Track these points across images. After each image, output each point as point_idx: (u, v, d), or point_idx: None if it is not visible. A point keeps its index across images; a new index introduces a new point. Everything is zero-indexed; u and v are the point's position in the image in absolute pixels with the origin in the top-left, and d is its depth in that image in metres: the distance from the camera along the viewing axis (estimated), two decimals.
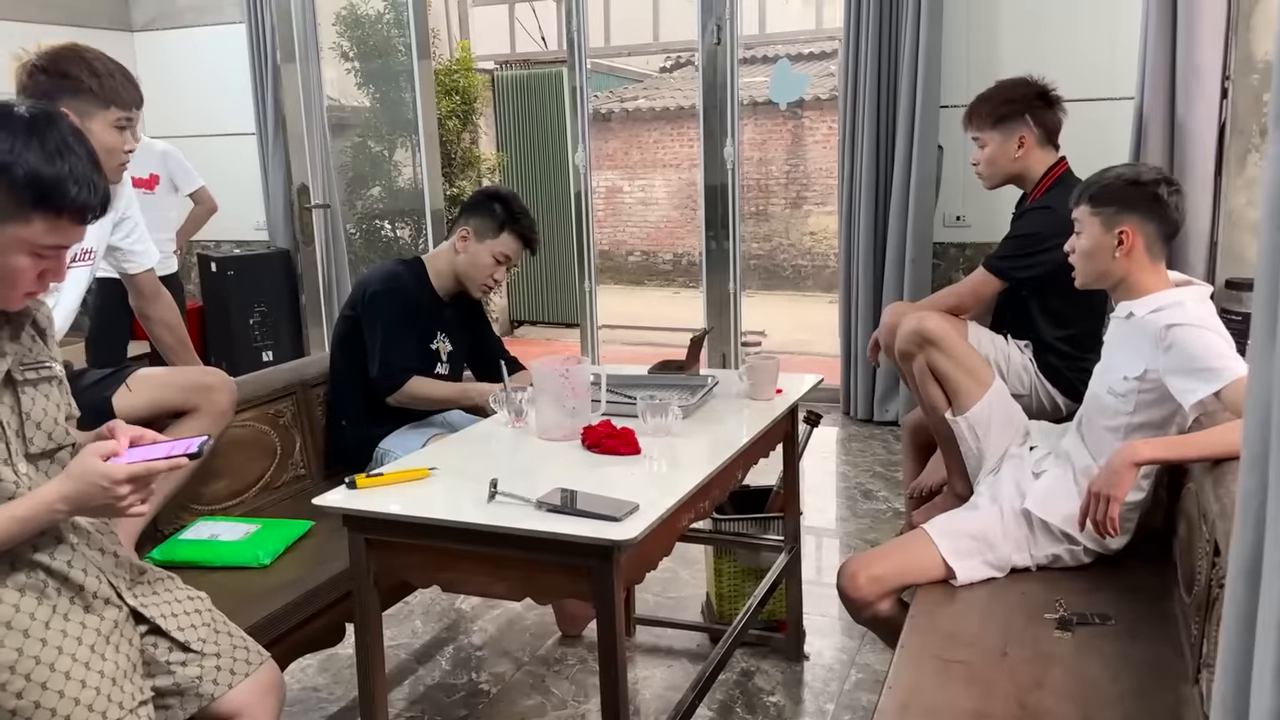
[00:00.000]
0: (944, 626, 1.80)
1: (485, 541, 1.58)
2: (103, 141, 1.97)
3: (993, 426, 2.17)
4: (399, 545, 1.66)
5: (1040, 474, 2.06)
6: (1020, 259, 2.49)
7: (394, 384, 2.46)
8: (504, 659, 2.61)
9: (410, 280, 2.57)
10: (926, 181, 4.27)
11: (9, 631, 1.35)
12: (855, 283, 4.54)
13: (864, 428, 4.53)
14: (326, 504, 1.68)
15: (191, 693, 1.51)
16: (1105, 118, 3.98)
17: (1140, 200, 1.91)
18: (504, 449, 2.03)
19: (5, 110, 1.29)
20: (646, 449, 1.92)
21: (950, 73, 4.27)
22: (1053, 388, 2.50)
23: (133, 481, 1.35)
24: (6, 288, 1.33)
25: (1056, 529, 1.96)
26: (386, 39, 6.66)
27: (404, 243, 6.97)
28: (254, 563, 2.08)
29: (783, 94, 5.48)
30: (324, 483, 2.64)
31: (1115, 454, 1.75)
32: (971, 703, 1.55)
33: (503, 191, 2.64)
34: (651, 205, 11.53)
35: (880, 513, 3.53)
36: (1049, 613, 1.82)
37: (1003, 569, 1.97)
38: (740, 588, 2.64)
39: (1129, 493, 1.77)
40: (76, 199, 1.29)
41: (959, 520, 2.02)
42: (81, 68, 1.96)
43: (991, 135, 2.58)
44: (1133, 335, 1.90)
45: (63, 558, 1.41)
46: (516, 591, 1.62)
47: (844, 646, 2.61)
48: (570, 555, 1.53)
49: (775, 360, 2.27)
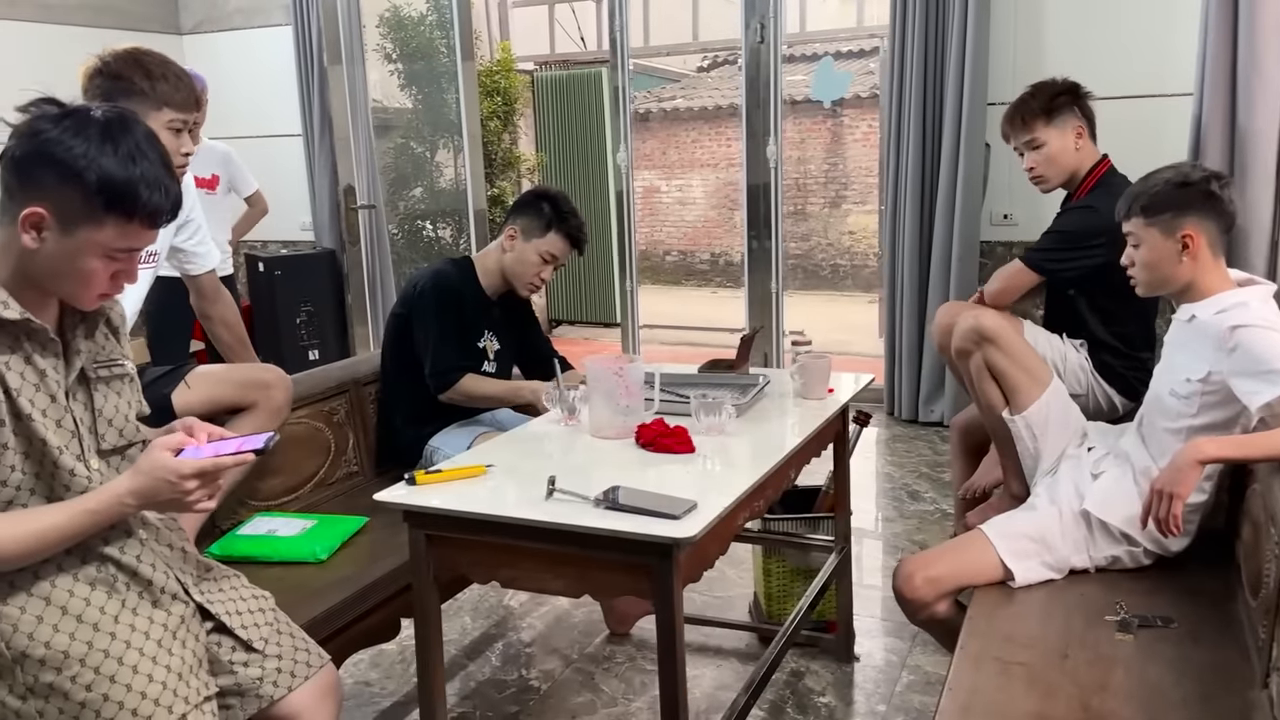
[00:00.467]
0: (1003, 628, 1.78)
1: (544, 538, 1.59)
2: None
3: (1050, 426, 2.14)
4: (459, 541, 1.67)
5: (1099, 475, 2.03)
6: (1058, 254, 2.47)
7: (446, 382, 2.48)
8: (553, 656, 2.62)
9: (459, 279, 2.59)
10: (974, 179, 4.23)
11: (79, 625, 1.38)
12: (900, 281, 4.51)
13: (908, 428, 4.50)
14: (388, 500, 1.69)
15: (252, 694, 1.52)
16: (1152, 115, 3.93)
17: (1195, 200, 1.88)
18: (557, 447, 2.04)
19: (82, 114, 1.32)
20: (700, 447, 1.92)
21: (997, 69, 4.23)
22: (1109, 387, 2.47)
23: (200, 476, 1.37)
24: (80, 289, 1.36)
25: (1116, 530, 1.94)
26: (429, 41, 6.72)
27: (445, 243, 7.02)
28: (311, 558, 2.11)
29: (826, 92, 5.46)
30: (376, 480, 2.68)
31: (1179, 452, 1.73)
32: (1033, 705, 1.53)
33: (552, 191, 2.65)
34: (689, 205, 11.53)
35: (928, 514, 3.50)
36: (1109, 615, 1.79)
37: (1061, 570, 1.95)
38: (789, 588, 2.63)
39: (1191, 493, 1.75)
40: (149, 203, 1.32)
41: (1017, 521, 2.00)
42: (135, 70, 1.99)
43: (1048, 131, 2.54)
44: (1195, 337, 1.87)
45: (132, 552, 1.44)
46: (574, 588, 1.63)
47: (893, 648, 2.59)
48: (630, 553, 1.54)
49: (828, 359, 2.26)
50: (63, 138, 1.28)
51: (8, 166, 1.30)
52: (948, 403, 4.44)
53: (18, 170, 1.29)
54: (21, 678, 1.35)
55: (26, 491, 1.37)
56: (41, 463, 1.37)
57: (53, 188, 1.29)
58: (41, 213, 1.29)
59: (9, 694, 1.36)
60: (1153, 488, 1.75)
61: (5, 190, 1.32)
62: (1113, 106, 4.01)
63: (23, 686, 1.36)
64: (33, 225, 1.30)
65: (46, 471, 1.38)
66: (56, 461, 1.37)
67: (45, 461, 1.37)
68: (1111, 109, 4.00)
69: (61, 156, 1.28)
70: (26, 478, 1.36)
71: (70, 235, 1.31)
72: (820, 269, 10.72)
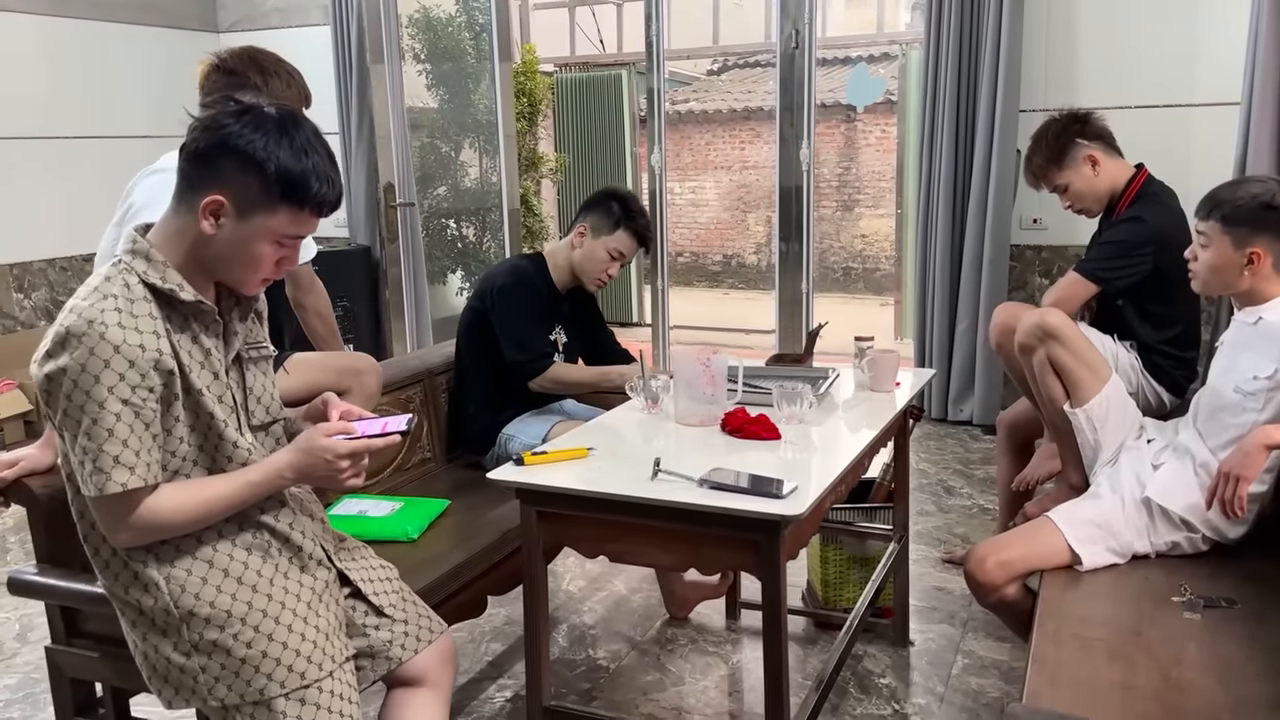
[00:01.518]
0: (1076, 609, 1.88)
1: (652, 515, 1.69)
2: None
3: (1110, 419, 2.24)
4: (570, 518, 1.77)
5: (1159, 465, 2.14)
6: (1111, 264, 2.56)
7: (537, 368, 2.59)
8: (616, 638, 2.72)
9: (534, 274, 2.69)
10: (1005, 184, 4.33)
11: (240, 586, 1.47)
12: (931, 284, 4.61)
13: (939, 427, 4.60)
14: (501, 479, 1.79)
15: (382, 655, 1.63)
16: (1188, 124, 4.04)
17: (1274, 223, 1.99)
18: (646, 434, 2.13)
19: (258, 111, 1.42)
20: (783, 434, 2.02)
21: (1029, 77, 4.34)
22: (1158, 385, 2.57)
23: (352, 457, 1.47)
24: (250, 272, 1.46)
25: (1176, 517, 2.04)
26: (457, 42, 6.82)
27: (469, 241, 7.11)
28: (403, 537, 2.20)
29: (860, 97, 5.57)
30: (446, 466, 2.78)
31: (1248, 437, 1.83)
32: (1117, 676, 1.63)
33: (621, 191, 2.76)
34: (701, 207, 11.64)
35: (966, 509, 3.60)
36: (1175, 596, 1.89)
37: (1125, 555, 2.05)
38: (845, 575, 2.73)
39: (1257, 476, 1.85)
40: (318, 193, 1.42)
41: (1082, 509, 2.10)
42: (250, 66, 2.09)
43: (1064, 175, 2.66)
44: (1261, 337, 1.97)
45: (285, 520, 1.54)
46: (682, 563, 1.73)
47: (945, 634, 2.69)
48: (738, 529, 1.64)
49: (896, 354, 2.36)
50: (243, 131, 1.38)
51: (190, 158, 1.40)
52: (977, 402, 4.54)
53: (200, 160, 1.39)
54: (187, 635, 1.45)
55: (191, 463, 1.46)
56: (207, 435, 1.47)
57: (233, 177, 1.38)
58: (222, 200, 1.39)
59: (174, 650, 1.46)
60: (1220, 470, 1.85)
61: (185, 180, 1.41)
62: (1146, 115, 4.14)
63: (187, 643, 1.45)
64: (212, 212, 1.39)
65: (210, 444, 1.47)
66: (222, 434, 1.47)
67: (210, 434, 1.47)
68: (1144, 118, 4.14)
69: (243, 148, 1.37)
70: (192, 450, 1.46)
71: (246, 221, 1.40)
72: (833, 271, 10.83)
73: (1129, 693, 1.58)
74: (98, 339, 1.34)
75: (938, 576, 3.05)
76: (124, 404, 1.35)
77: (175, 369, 1.40)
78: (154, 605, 1.46)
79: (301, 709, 1.47)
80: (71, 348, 1.34)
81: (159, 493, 1.41)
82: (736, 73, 12.29)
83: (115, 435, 1.35)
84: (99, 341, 1.34)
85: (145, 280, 1.41)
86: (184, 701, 1.50)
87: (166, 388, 1.40)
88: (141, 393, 1.36)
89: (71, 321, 1.35)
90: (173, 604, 1.44)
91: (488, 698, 2.45)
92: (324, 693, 1.49)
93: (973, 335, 4.50)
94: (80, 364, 1.34)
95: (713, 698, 2.43)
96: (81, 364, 1.34)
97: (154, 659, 1.49)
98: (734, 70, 12.39)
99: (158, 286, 1.40)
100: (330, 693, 1.50)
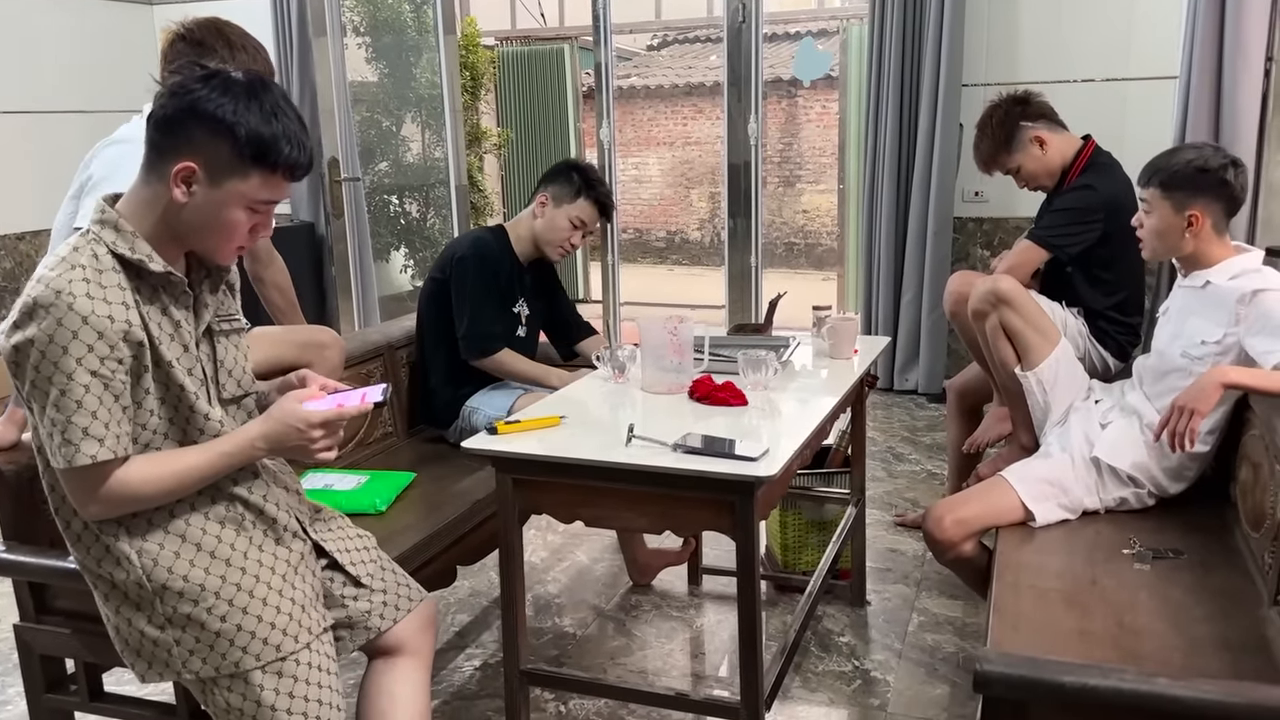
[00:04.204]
0: (1032, 562, 1.96)
1: (627, 479, 1.72)
2: None
3: (1059, 382, 2.33)
4: (545, 484, 1.79)
5: (1107, 425, 2.22)
6: (1069, 230, 2.64)
7: (485, 350, 2.59)
8: (582, 606, 2.75)
9: (496, 247, 2.68)
10: (948, 158, 4.42)
11: (213, 560, 1.47)
12: (877, 256, 4.69)
13: (886, 396, 4.70)
14: (476, 447, 1.80)
15: (361, 625, 1.63)
16: (1129, 96, 4.15)
17: (1209, 185, 2.07)
18: (616, 402, 2.16)
19: (225, 76, 1.40)
20: (750, 400, 2.06)
21: (972, 52, 4.42)
22: (1104, 350, 2.67)
23: (325, 426, 1.47)
24: (223, 240, 1.44)
25: (1124, 474, 2.13)
26: (397, 14, 6.71)
27: (412, 218, 7.03)
28: (371, 509, 2.20)
29: (807, 71, 5.59)
30: (408, 440, 2.77)
31: (1205, 374, 1.92)
32: (1074, 622, 1.71)
33: (581, 162, 2.77)
34: (645, 183, 11.64)
35: (915, 474, 3.70)
36: (1125, 549, 1.98)
37: (1075, 511, 2.14)
38: (804, 539, 2.79)
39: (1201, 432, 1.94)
40: (290, 156, 1.40)
41: (1034, 467, 2.18)
42: (218, 38, 2.05)
43: (1013, 158, 2.74)
44: (1209, 301, 2.06)
45: (259, 492, 1.53)
46: (657, 525, 1.76)
47: (900, 594, 2.77)
48: (713, 491, 1.67)
49: (855, 321, 2.41)
50: (212, 95, 1.36)
51: (159, 125, 1.38)
52: (922, 372, 4.64)
53: (169, 127, 1.37)
54: (161, 609, 1.44)
55: (161, 436, 1.45)
56: (177, 408, 1.45)
57: (203, 142, 1.36)
58: (193, 166, 1.37)
59: (148, 624, 1.45)
60: (1174, 403, 1.93)
61: (154, 148, 1.39)
62: (1089, 89, 4.26)
63: (161, 617, 1.44)
64: (184, 179, 1.37)
65: (181, 416, 1.46)
66: (193, 406, 1.45)
67: (181, 407, 1.45)
68: (1088, 91, 4.25)
69: (213, 112, 1.35)
70: (163, 423, 1.44)
71: (218, 187, 1.39)
72: (775, 247, 10.93)
73: (1087, 637, 1.66)
74: (65, 309, 1.32)
75: (891, 539, 3.13)
76: (93, 375, 1.33)
77: (145, 340, 1.38)
78: (126, 579, 1.44)
79: (279, 681, 1.47)
80: (39, 318, 1.32)
81: (129, 465, 1.39)
82: (678, 48, 12.28)
83: (84, 407, 1.33)
84: (67, 312, 1.32)
85: (114, 250, 1.38)
86: (158, 675, 1.49)
87: (136, 359, 1.38)
88: (110, 364, 1.34)
89: (39, 292, 1.33)
90: (145, 578, 1.43)
91: (456, 667, 2.47)
92: (301, 664, 1.49)
93: (917, 306, 4.59)
94: (48, 335, 1.32)
95: (678, 660, 2.48)
96: (49, 335, 1.32)
97: (127, 633, 1.48)
98: (675, 45, 12.37)
99: (126, 257, 1.38)
100: (308, 664, 1.50)
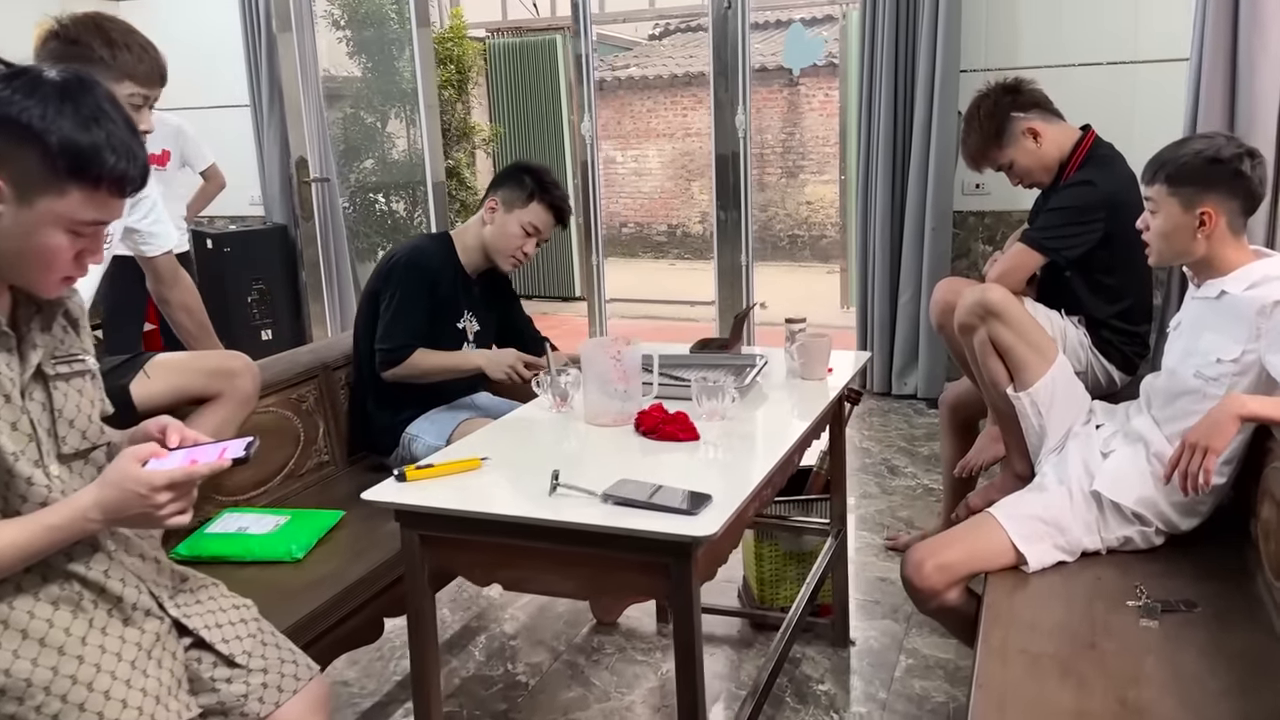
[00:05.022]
0: (1024, 616, 1.72)
1: (550, 537, 1.48)
2: None
3: (1056, 403, 2.08)
4: (457, 542, 1.56)
5: (1109, 453, 1.98)
6: (1066, 232, 2.38)
7: (395, 357, 2.36)
8: (539, 648, 2.52)
9: (438, 256, 2.46)
10: (946, 149, 4.15)
11: (43, 649, 1.24)
12: (872, 252, 4.44)
13: (883, 401, 4.45)
14: (377, 499, 1.57)
15: (237, 711, 1.40)
16: (1132, 81, 3.89)
17: (1222, 178, 1.82)
18: (552, 437, 1.93)
19: (34, 75, 1.17)
20: (703, 434, 1.82)
21: (970, 36, 4.16)
22: (1108, 363, 2.41)
23: (173, 488, 1.24)
24: (41, 270, 1.21)
25: (1128, 510, 1.88)
26: (378, 6, 6.48)
27: (399, 216, 6.81)
28: (287, 557, 1.98)
29: (797, 59, 5.35)
30: (348, 470, 2.55)
31: (1219, 405, 1.67)
32: (1069, 700, 1.47)
33: (534, 164, 2.54)
34: (645, 176, 11.38)
35: (910, 489, 3.45)
36: (1130, 599, 1.74)
37: (1073, 553, 1.89)
38: (782, 572, 2.56)
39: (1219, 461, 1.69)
40: (115, 168, 1.18)
41: (1026, 503, 1.94)
42: (95, 36, 1.82)
43: (1005, 152, 2.49)
44: (1225, 315, 1.81)
45: (99, 567, 1.31)
46: (585, 590, 1.54)
47: (888, 631, 2.53)
48: (645, 552, 1.44)
49: (828, 338, 2.17)
50: (14, 98, 1.13)
51: None
52: (921, 376, 4.39)
53: None
54: None
55: None
56: None
57: (7, 154, 1.14)
58: None
59: None
60: (1185, 440, 1.69)
61: None
62: (1089, 73, 3.99)
63: None
64: None
65: (0, 481, 1.23)
66: (12, 469, 1.23)
67: None
68: (1088, 76, 3.98)
69: (15, 116, 1.13)
70: None
71: (30, 207, 1.16)
72: (779, 240, 10.68)
73: None
74: None
75: (881, 566, 2.89)
76: None
77: None
78: None
79: None
80: None
81: None
82: (679, 37, 12.00)
83: None
84: None
85: None
86: None
87: None
88: None
89: None
90: None
91: None
92: None
93: (915, 306, 4.34)
94: None
95: (639, 714, 2.25)
96: None
97: None
98: (676, 35, 12.10)
99: None
100: None
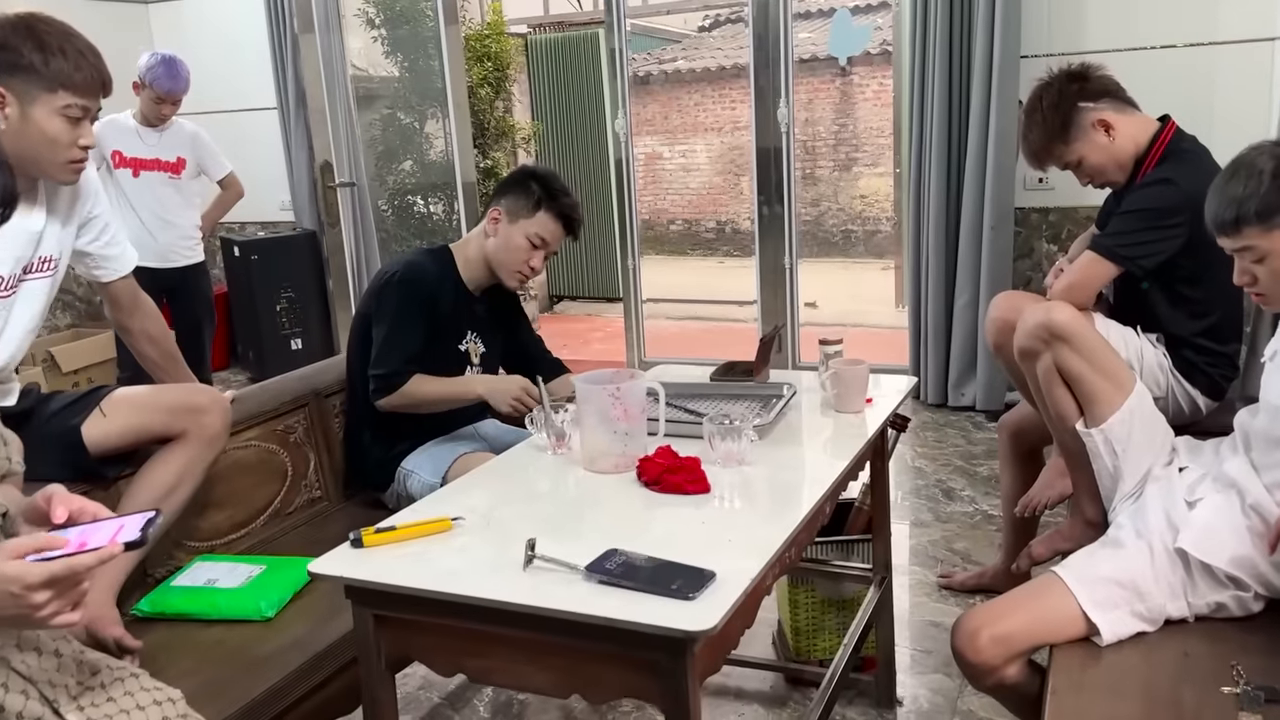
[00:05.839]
0: (1098, 708, 1.44)
1: (522, 624, 1.25)
2: (44, 131, 1.64)
3: (1134, 441, 1.79)
4: (415, 624, 1.33)
5: (1195, 503, 1.68)
6: (1136, 238, 2.07)
7: (389, 384, 2.14)
8: (550, 706, 2.29)
9: (434, 272, 2.23)
10: (1006, 140, 3.84)
11: None
12: (925, 252, 4.13)
13: (937, 414, 4.14)
14: (323, 571, 1.35)
15: None
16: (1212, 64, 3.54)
17: None
18: (543, 485, 1.69)
19: None
20: (716, 483, 1.58)
21: (1030, 19, 3.84)
22: (1191, 387, 2.11)
23: (52, 585, 1.03)
24: None
25: (1221, 572, 1.59)
26: (413, 4, 6.32)
27: (437, 219, 6.66)
28: (256, 615, 1.78)
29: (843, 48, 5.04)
30: (343, 505, 2.35)
31: None
32: None
33: (540, 170, 2.31)
34: (693, 171, 11.10)
35: (968, 515, 3.16)
36: (1225, 684, 1.45)
37: (1155, 622, 1.60)
38: (820, 620, 2.30)
39: None
40: None
41: (1099, 562, 1.65)
42: (25, 39, 1.62)
43: (1072, 148, 2.16)
44: None
45: None
46: (563, 687, 1.29)
47: (939, 687, 2.26)
48: (631, 646, 1.20)
49: (865, 366, 1.90)
50: None
51: None
52: (980, 386, 4.08)
53: None
54: None
55: None
56: None
57: None
58: None
59: None
60: None
61: None
62: (1165, 57, 3.65)
63: None
64: None
65: None
66: None
67: None
68: (1164, 60, 3.64)
69: None
70: None
71: None
72: (831, 235, 10.32)
73: None
74: None
75: (934, 608, 2.61)
76: None
77: None
78: None
79: None
80: None
81: None
82: (729, 28, 11.68)
83: None
84: None
85: None
86: None
87: None
88: None
89: None
90: None
91: None
92: None
93: (974, 311, 4.02)
94: None
95: None
96: None
97: None
98: (725, 26, 11.78)
99: None
100: None
